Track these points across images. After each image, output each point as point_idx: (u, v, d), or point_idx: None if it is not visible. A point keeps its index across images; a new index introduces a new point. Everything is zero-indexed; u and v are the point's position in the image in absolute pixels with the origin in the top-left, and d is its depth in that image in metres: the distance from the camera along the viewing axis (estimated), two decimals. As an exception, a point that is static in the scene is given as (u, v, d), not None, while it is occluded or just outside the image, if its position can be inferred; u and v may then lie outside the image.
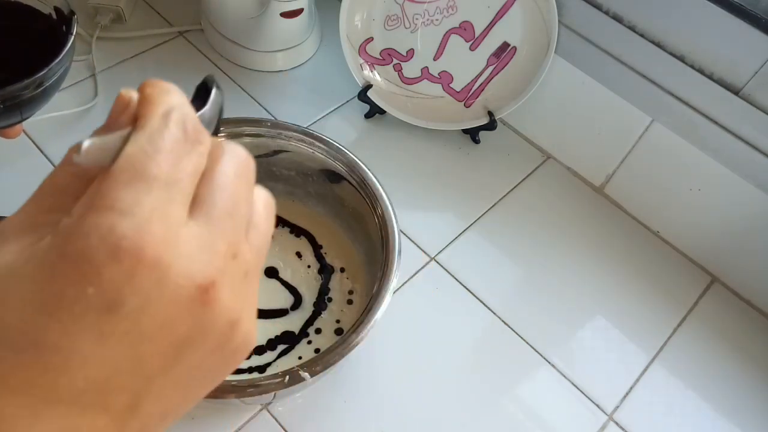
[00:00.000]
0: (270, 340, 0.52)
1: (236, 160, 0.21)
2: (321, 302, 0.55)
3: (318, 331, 0.53)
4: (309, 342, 0.53)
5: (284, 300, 0.55)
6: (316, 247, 0.58)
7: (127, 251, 0.17)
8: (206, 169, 0.20)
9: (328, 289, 0.56)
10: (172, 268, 0.18)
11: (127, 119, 0.20)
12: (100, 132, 0.20)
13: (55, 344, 0.17)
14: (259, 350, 0.52)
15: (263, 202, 0.23)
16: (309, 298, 0.55)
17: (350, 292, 0.56)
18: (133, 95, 0.20)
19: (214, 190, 0.20)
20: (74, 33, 0.45)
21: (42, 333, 0.17)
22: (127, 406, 0.19)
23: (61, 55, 0.43)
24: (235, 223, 0.20)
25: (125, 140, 0.19)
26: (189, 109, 0.20)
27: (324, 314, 0.54)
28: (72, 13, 0.46)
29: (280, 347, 0.52)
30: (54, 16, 0.47)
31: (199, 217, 0.19)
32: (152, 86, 0.20)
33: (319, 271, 0.56)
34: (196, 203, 0.19)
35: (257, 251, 0.22)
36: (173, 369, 0.19)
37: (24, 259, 0.18)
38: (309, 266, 0.57)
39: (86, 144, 0.19)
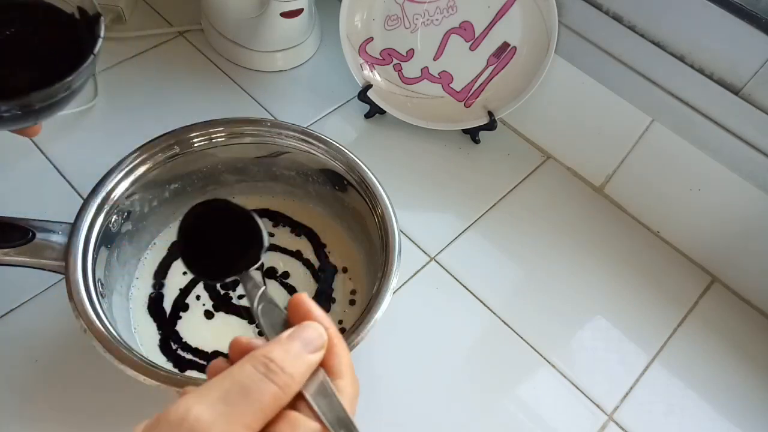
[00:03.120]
0: (270, 340, 0.52)
1: None
2: (322, 303, 0.55)
3: (319, 331, 0.53)
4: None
5: (283, 300, 0.54)
6: (318, 247, 0.58)
7: None
8: None
9: (332, 290, 0.56)
10: None
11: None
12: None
13: None
14: (259, 350, 0.52)
15: None
16: (308, 298, 0.55)
17: (352, 293, 0.56)
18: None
19: None
20: (103, 35, 0.42)
21: None
22: None
23: (89, 60, 0.40)
24: None
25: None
26: None
27: (327, 315, 0.54)
28: (98, 14, 0.43)
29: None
30: (77, 15, 0.45)
31: None
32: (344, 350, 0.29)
33: (319, 270, 0.56)
34: None
35: None
36: None
37: None
38: (308, 266, 0.57)
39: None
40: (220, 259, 0.31)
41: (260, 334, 0.27)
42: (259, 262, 0.31)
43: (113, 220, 0.50)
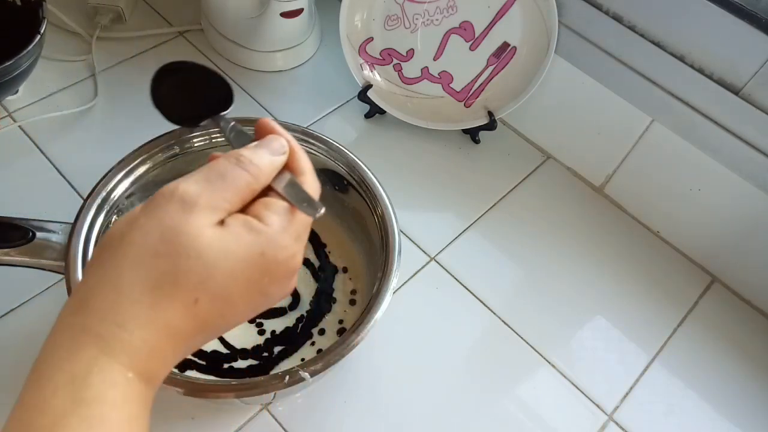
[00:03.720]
0: (267, 340, 0.52)
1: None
2: (323, 303, 0.55)
3: (321, 332, 0.53)
4: (312, 343, 0.53)
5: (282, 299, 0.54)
6: (318, 246, 0.58)
7: (294, 271, 0.32)
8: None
9: (332, 290, 0.56)
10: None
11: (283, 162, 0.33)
12: (261, 144, 0.32)
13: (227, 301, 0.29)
14: (256, 350, 0.52)
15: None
16: (307, 297, 0.55)
17: (353, 293, 0.56)
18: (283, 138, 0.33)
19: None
20: (46, 16, 0.44)
21: (227, 293, 0.29)
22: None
23: (36, 40, 0.42)
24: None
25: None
26: None
27: (328, 315, 0.54)
28: None
29: (278, 347, 0.52)
30: (18, 2, 0.45)
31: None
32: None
33: (319, 270, 0.56)
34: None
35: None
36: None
37: (229, 240, 0.29)
38: (308, 266, 0.57)
39: (323, 209, 0.32)
40: (195, 108, 0.36)
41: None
42: (230, 108, 0.36)
43: (113, 220, 0.50)
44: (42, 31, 0.44)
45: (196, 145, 0.54)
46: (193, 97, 0.37)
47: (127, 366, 0.27)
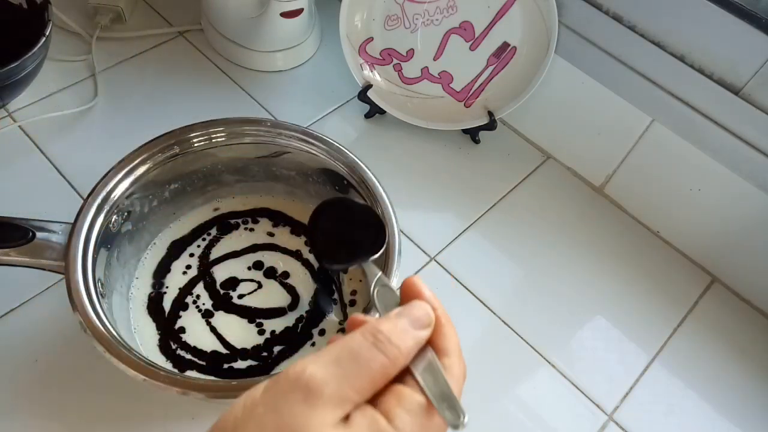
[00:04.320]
0: (267, 340, 0.52)
1: None
2: (323, 303, 0.55)
3: (321, 332, 0.53)
4: (312, 344, 0.53)
5: (282, 299, 0.54)
6: (317, 247, 0.58)
7: None
8: None
9: (332, 290, 0.56)
10: None
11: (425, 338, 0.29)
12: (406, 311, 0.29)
13: None
14: (256, 350, 0.52)
15: None
16: (306, 297, 0.55)
17: (353, 293, 0.56)
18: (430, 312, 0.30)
19: None
20: (52, 19, 0.45)
21: None
22: None
23: (41, 42, 0.43)
24: None
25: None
26: None
27: (328, 316, 0.54)
28: (46, 1, 0.45)
29: (278, 347, 0.52)
30: (24, 5, 0.46)
31: None
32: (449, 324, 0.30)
33: (319, 271, 0.56)
34: None
35: None
36: None
37: None
38: (308, 266, 0.57)
39: (467, 418, 0.26)
40: (345, 248, 0.35)
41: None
42: (380, 252, 0.34)
43: (113, 220, 0.50)
44: (47, 34, 0.44)
45: (195, 145, 0.54)
46: (345, 235, 0.35)
47: None
